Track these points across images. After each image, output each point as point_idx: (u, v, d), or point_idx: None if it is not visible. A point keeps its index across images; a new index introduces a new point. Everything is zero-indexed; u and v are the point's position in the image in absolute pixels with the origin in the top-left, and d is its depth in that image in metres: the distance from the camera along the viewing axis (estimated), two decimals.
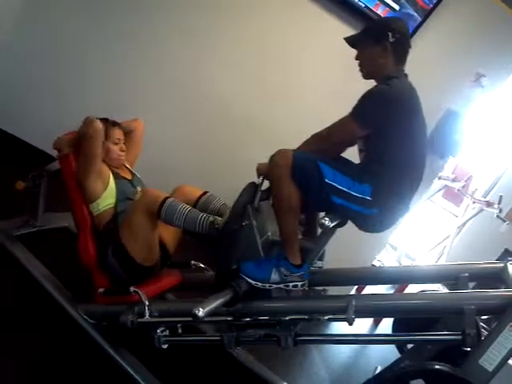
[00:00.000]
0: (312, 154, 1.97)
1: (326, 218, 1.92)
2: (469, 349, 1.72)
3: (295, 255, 1.99)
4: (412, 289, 2.92)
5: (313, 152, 1.99)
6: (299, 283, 2.00)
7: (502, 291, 1.86)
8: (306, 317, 1.92)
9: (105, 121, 2.44)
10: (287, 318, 1.94)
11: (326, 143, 2.04)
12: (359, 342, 2.68)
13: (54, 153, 2.45)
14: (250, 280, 1.97)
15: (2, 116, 3.33)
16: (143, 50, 3.35)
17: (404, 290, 3.43)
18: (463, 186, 4.86)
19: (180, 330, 2.15)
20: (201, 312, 1.75)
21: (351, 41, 2.14)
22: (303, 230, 2.27)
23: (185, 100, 3.48)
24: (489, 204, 4.59)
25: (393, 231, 4.05)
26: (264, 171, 2.08)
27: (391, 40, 2.02)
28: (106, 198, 2.33)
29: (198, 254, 2.61)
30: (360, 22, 3.34)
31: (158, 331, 2.09)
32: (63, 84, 3.34)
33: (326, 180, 1.90)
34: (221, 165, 3.56)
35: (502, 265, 2.14)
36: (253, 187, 2.11)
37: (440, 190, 5.17)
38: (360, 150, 2.13)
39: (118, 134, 2.49)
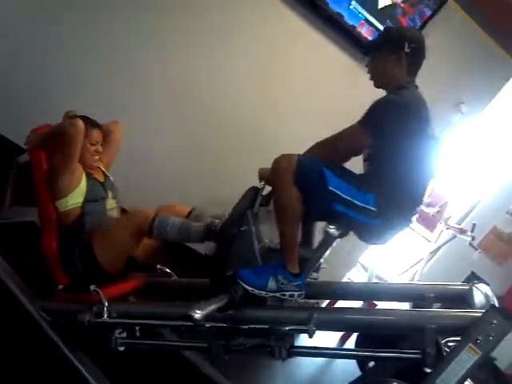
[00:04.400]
0: (317, 160, 1.91)
1: (332, 227, 1.89)
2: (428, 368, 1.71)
3: (294, 264, 1.92)
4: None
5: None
6: (296, 293, 1.93)
7: (463, 312, 1.87)
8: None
9: (85, 119, 2.40)
10: (286, 329, 1.86)
11: (332, 151, 1.99)
12: (326, 356, 2.62)
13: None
14: (246, 286, 1.88)
15: None
16: (133, 52, 3.25)
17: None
18: (438, 212, 4.88)
19: (138, 333, 2.10)
20: (197, 314, 1.66)
21: (363, 48, 2.10)
22: (299, 239, 2.18)
23: (177, 105, 3.41)
24: (462, 231, 4.60)
25: (363, 251, 4.08)
26: (266, 176, 2.04)
27: (407, 50, 1.98)
28: (75, 197, 2.29)
29: (164, 258, 2.57)
30: (344, 40, 3.37)
31: (116, 333, 2.03)
32: (44, 79, 3.27)
33: (330, 187, 1.85)
34: (212, 171, 3.51)
35: (467, 287, 2.16)
36: (253, 192, 2.07)
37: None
38: (364, 160, 2.08)
39: (96, 135, 2.43)
